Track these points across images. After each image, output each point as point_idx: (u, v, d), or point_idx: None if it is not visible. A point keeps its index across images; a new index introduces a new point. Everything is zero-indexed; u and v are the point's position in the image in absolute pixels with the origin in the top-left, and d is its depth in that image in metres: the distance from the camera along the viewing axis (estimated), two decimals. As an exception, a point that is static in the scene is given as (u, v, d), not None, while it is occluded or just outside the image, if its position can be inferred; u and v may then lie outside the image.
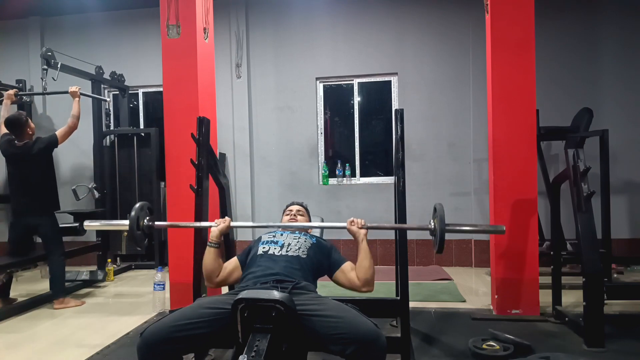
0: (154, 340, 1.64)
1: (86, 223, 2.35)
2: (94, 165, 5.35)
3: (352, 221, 2.10)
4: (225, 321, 1.64)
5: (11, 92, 4.10)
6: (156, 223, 2.27)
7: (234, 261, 2.17)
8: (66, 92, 3.99)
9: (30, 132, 3.83)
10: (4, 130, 3.81)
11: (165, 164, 3.53)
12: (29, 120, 3.88)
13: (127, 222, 2.15)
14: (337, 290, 2.14)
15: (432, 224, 2.03)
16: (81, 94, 4.05)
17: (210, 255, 2.09)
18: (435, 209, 2.00)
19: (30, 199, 3.73)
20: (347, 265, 2.10)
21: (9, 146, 3.75)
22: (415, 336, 2.79)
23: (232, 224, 2.21)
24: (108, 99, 5.18)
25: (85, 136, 5.27)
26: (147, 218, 2.23)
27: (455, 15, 5.23)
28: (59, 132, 3.81)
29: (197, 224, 2.44)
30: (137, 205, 2.20)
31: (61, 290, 3.86)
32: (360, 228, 2.08)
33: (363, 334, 1.59)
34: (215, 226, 2.15)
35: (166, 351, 1.65)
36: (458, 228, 2.07)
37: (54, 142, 3.78)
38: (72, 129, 3.85)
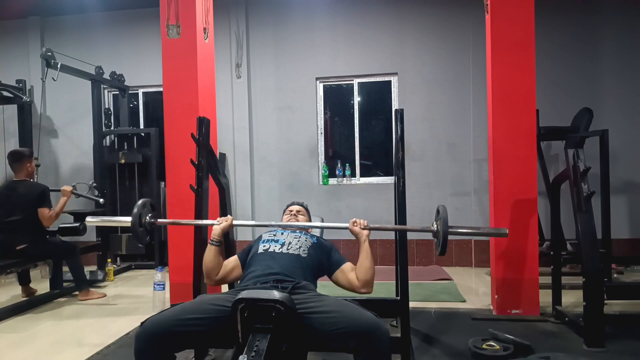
0: (154, 331, 1.64)
1: (88, 219, 2.37)
2: (94, 165, 5.35)
3: (355, 222, 2.11)
4: (225, 320, 1.64)
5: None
6: (158, 220, 2.28)
7: (233, 259, 2.18)
8: (58, 190, 3.97)
9: (30, 170, 3.87)
10: None
11: (165, 164, 3.54)
12: (31, 157, 3.93)
13: (129, 218, 2.16)
14: (336, 290, 2.15)
15: (435, 226, 2.03)
16: (74, 193, 3.99)
17: (210, 253, 2.09)
18: (438, 211, 2.00)
19: (20, 233, 3.71)
20: (347, 266, 2.10)
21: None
22: (415, 336, 2.79)
23: (234, 222, 2.21)
24: (102, 200, 4.56)
25: (85, 136, 5.27)
26: (149, 215, 2.24)
27: (455, 15, 5.23)
28: (44, 211, 3.71)
29: (200, 221, 2.45)
30: (140, 202, 2.21)
31: (84, 283, 4.02)
32: (363, 229, 2.08)
33: (363, 326, 1.59)
34: (217, 224, 2.16)
35: (164, 345, 1.65)
36: (461, 231, 2.08)
37: (44, 202, 3.75)
38: (45, 223, 3.77)
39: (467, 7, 5.08)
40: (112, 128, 5.64)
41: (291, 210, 2.46)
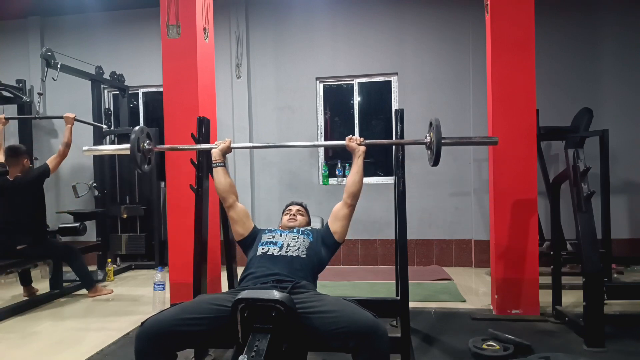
0: (154, 331, 1.64)
1: (85, 148, 2.48)
2: (93, 165, 5.35)
3: (351, 138, 2.32)
4: (225, 320, 1.65)
5: (1, 116, 4.08)
6: (156, 146, 2.39)
7: (248, 213, 2.31)
8: (60, 117, 3.98)
9: (26, 166, 3.86)
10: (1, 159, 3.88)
11: (165, 164, 3.54)
12: (28, 153, 3.93)
13: (127, 145, 2.23)
14: (336, 290, 2.15)
15: (429, 137, 2.11)
16: (77, 120, 4.02)
17: (218, 174, 2.27)
18: (431, 123, 2.10)
19: (20, 235, 3.72)
20: (334, 209, 2.23)
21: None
22: (415, 336, 2.80)
23: (232, 145, 2.37)
24: (105, 127, 5.13)
25: (85, 136, 5.26)
26: (147, 142, 2.28)
27: (455, 15, 5.23)
28: (50, 161, 3.84)
29: (199, 146, 2.50)
30: (137, 128, 2.29)
31: (90, 281, 4.09)
32: (360, 144, 2.29)
33: (362, 326, 1.60)
34: (216, 147, 2.32)
35: (164, 344, 1.65)
36: (452, 141, 2.29)
37: (46, 172, 3.82)
38: (63, 157, 3.88)
39: (467, 7, 5.08)
40: (112, 128, 5.64)
41: (290, 210, 2.47)
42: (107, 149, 2.83)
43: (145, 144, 2.29)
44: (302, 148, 5.51)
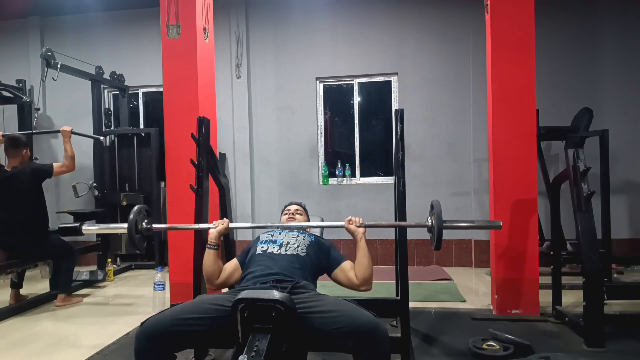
0: (154, 331, 1.64)
1: (84, 227, 2.37)
2: (93, 165, 5.36)
3: (350, 220, 2.12)
4: (225, 320, 1.64)
5: None
6: (154, 226, 2.27)
7: (233, 262, 2.18)
8: (57, 132, 3.88)
9: (25, 157, 3.77)
10: None
11: (165, 164, 3.53)
12: (28, 145, 3.83)
13: (125, 225, 2.15)
14: (336, 289, 2.15)
15: (430, 220, 2.04)
16: (74, 133, 3.89)
17: (209, 257, 2.10)
18: (432, 206, 2.02)
19: (19, 230, 3.62)
20: (347, 264, 2.10)
21: None
22: (415, 336, 2.79)
23: (231, 225, 2.21)
24: (102, 138, 5.08)
25: (84, 139, 5.26)
26: (145, 221, 2.23)
27: (455, 15, 5.23)
28: (55, 165, 3.75)
29: (196, 225, 2.44)
30: (135, 208, 2.20)
31: (69, 288, 3.94)
32: (359, 226, 2.10)
33: (362, 326, 1.60)
34: (214, 228, 2.16)
35: (164, 344, 1.65)
36: (455, 225, 2.13)
37: (48, 171, 3.71)
38: (69, 170, 3.78)
39: (467, 7, 5.08)
40: (112, 128, 5.64)
41: (289, 210, 2.47)
42: (107, 227, 2.75)
43: (144, 224, 2.22)
44: (301, 148, 5.51)
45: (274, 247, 2.07)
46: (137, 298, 4.08)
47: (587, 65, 5.07)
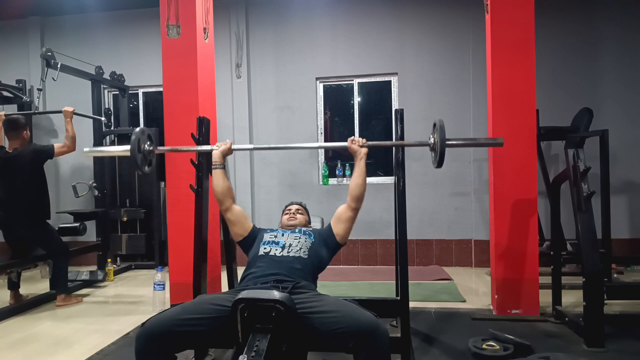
0: (154, 331, 1.65)
1: (85, 150, 2.47)
2: (93, 165, 5.35)
3: (353, 140, 2.27)
4: (225, 320, 1.65)
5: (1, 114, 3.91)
6: (157, 148, 2.36)
7: (245, 215, 2.29)
8: (59, 112, 3.90)
9: (26, 138, 3.78)
10: None
11: (165, 164, 3.53)
12: (27, 126, 3.82)
13: (128, 147, 2.19)
14: (337, 290, 2.15)
15: (432, 138, 2.08)
16: (76, 114, 3.92)
17: (217, 176, 2.26)
18: (434, 124, 2.07)
19: (18, 210, 3.63)
20: (339, 208, 2.22)
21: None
22: (415, 336, 2.80)
23: (234, 146, 2.35)
24: (104, 119, 5.16)
25: (85, 136, 5.25)
26: (148, 143, 2.27)
27: (455, 15, 5.23)
28: (56, 145, 3.76)
29: (199, 147, 2.49)
30: (138, 129, 2.25)
31: (65, 288, 3.90)
32: (361, 146, 2.24)
33: (363, 326, 1.60)
34: (217, 148, 2.29)
35: (164, 345, 1.65)
36: (456, 142, 2.21)
37: (49, 152, 3.73)
38: (70, 150, 3.79)
39: (467, 7, 5.08)
40: (112, 128, 5.64)
41: (290, 209, 2.48)
42: (108, 150, 2.81)
43: (146, 146, 2.28)
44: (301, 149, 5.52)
45: (276, 249, 2.08)
46: (137, 298, 4.08)
47: (587, 65, 5.07)
